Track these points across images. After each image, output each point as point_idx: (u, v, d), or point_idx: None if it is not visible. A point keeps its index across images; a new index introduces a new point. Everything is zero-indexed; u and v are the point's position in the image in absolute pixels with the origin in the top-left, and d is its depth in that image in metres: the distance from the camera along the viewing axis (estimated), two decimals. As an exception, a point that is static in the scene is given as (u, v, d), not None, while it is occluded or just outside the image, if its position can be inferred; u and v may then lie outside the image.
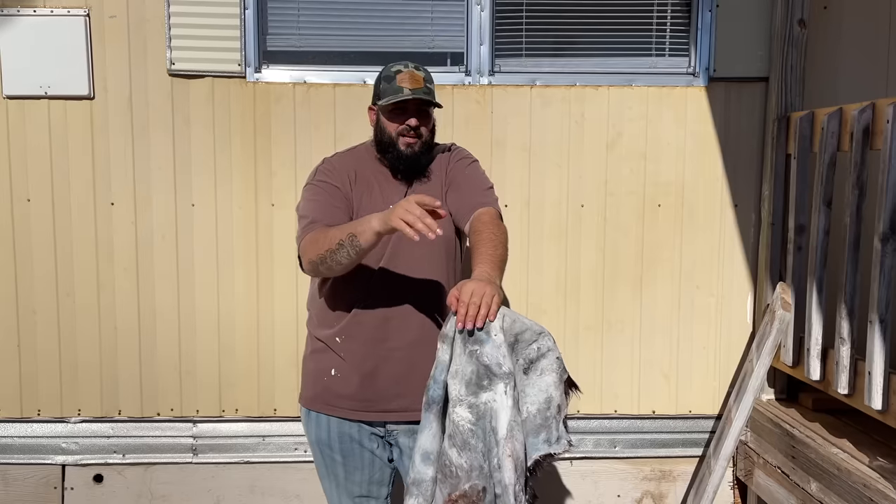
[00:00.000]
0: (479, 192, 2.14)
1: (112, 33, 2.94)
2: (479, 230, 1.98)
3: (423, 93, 2.08)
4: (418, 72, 2.12)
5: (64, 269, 3.01)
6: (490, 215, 2.04)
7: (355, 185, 2.16)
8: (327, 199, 2.11)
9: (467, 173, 2.19)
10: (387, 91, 2.10)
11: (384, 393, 2.11)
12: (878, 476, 2.28)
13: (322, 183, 2.16)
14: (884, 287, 2.29)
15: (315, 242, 1.98)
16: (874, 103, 2.38)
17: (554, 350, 1.77)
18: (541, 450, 1.71)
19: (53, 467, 3.09)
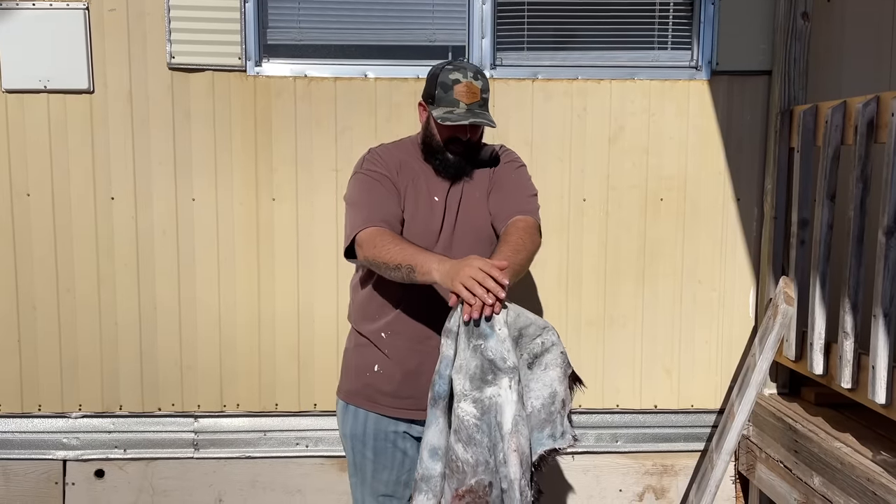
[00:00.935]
0: (522, 199, 2.12)
1: (111, 27, 2.92)
2: (509, 233, 1.99)
3: (478, 107, 2.03)
4: (476, 82, 2.04)
5: (64, 264, 3.00)
6: (525, 224, 2.03)
7: (401, 176, 2.12)
8: (379, 188, 2.08)
9: (513, 177, 2.17)
10: (441, 101, 2.04)
11: (426, 391, 2.09)
12: (881, 470, 2.28)
13: (372, 172, 2.12)
14: (888, 281, 2.29)
15: (374, 245, 1.95)
16: (879, 96, 2.37)
17: (558, 345, 1.76)
18: (545, 445, 1.71)
19: (54, 462, 3.08)
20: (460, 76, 2.03)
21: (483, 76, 2.08)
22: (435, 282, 1.82)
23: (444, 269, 1.79)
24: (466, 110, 2.01)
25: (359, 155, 3.01)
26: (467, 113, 2.01)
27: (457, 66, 2.07)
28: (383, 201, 2.06)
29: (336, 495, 3.16)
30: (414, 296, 2.07)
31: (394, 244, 1.93)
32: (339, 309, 3.07)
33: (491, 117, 2.06)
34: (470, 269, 1.73)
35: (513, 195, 2.12)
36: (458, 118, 2.00)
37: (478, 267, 1.73)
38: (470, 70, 2.05)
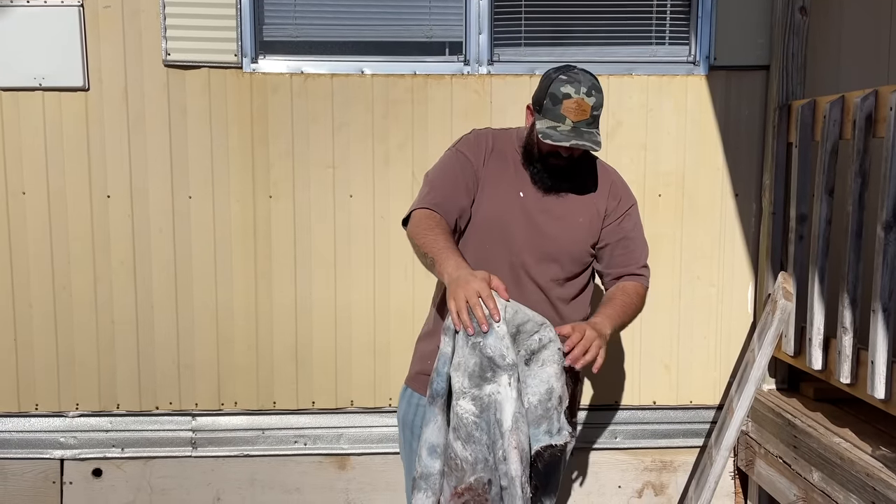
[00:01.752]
0: (642, 263, 2.11)
1: (106, 24, 2.91)
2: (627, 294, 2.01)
3: (585, 125, 1.90)
4: (589, 98, 1.90)
5: (60, 262, 2.99)
6: (639, 291, 2.06)
7: (490, 158, 2.04)
8: (454, 172, 2.02)
9: (639, 226, 2.13)
10: (548, 112, 1.92)
11: None
12: (880, 465, 2.27)
13: (457, 153, 2.06)
14: (886, 276, 2.28)
15: (418, 226, 1.92)
16: (877, 91, 2.36)
17: (555, 341, 1.76)
18: (542, 441, 1.70)
19: (52, 462, 3.07)
20: (572, 91, 1.90)
21: (598, 90, 1.93)
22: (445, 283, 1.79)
23: (453, 277, 1.75)
24: (572, 128, 1.90)
25: (355, 151, 3.03)
26: (571, 132, 1.89)
27: (571, 77, 1.93)
28: (451, 187, 1.99)
29: (334, 493, 3.15)
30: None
31: (431, 232, 1.89)
32: (336, 306, 3.06)
33: (598, 137, 1.92)
34: (468, 290, 1.69)
35: (636, 252, 2.09)
36: (559, 137, 1.88)
37: (476, 290, 1.69)
38: (585, 84, 1.91)
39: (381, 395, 3.11)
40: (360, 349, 3.09)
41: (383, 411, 3.12)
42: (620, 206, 2.09)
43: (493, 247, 2.02)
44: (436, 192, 1.99)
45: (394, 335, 3.08)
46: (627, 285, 2.04)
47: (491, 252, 2.01)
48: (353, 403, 3.12)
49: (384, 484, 3.15)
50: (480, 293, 1.69)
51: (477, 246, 2.03)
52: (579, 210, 2.04)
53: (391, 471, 3.14)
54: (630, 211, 2.11)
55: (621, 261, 2.07)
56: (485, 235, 2.03)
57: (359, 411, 3.12)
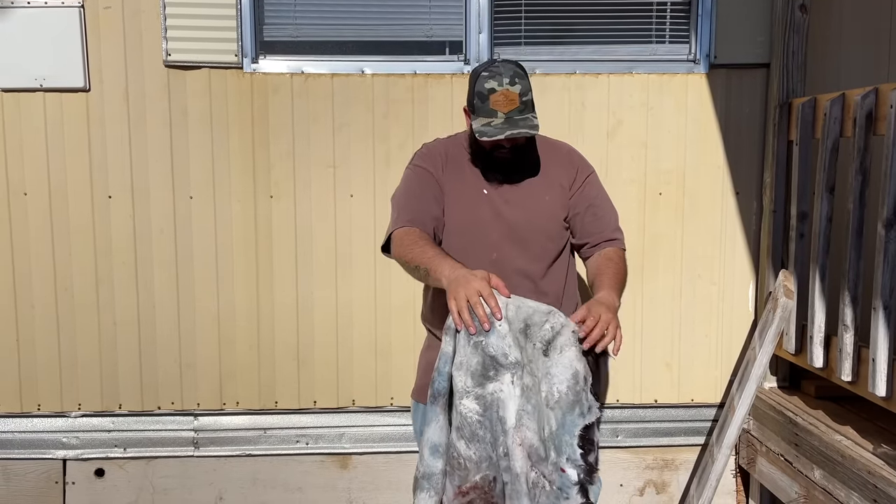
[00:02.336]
0: (614, 223, 2.13)
1: (107, 25, 2.91)
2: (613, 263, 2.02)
3: (518, 113, 1.93)
4: (513, 87, 1.93)
5: (62, 263, 2.99)
6: (620, 255, 2.07)
7: (447, 165, 2.09)
8: (418, 186, 2.07)
9: (602, 195, 2.15)
10: (479, 111, 1.96)
11: None
12: (882, 463, 2.27)
13: (415, 168, 2.10)
14: (887, 273, 2.28)
15: (401, 245, 1.95)
16: (877, 88, 2.36)
17: (567, 325, 1.75)
18: (578, 424, 1.70)
19: (54, 462, 3.08)
20: (495, 84, 1.93)
21: (522, 76, 1.96)
22: (444, 287, 1.80)
23: (451, 278, 1.76)
24: (504, 120, 1.93)
25: (356, 151, 3.03)
26: (505, 124, 1.92)
27: (492, 71, 1.96)
28: (418, 201, 2.04)
29: (336, 492, 3.16)
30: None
31: (416, 245, 1.91)
32: (338, 305, 3.06)
33: (533, 121, 1.95)
34: (468, 289, 1.71)
35: (605, 216, 2.12)
36: (494, 132, 1.92)
37: (476, 289, 1.70)
38: (506, 74, 1.94)
39: (382, 394, 3.12)
40: (361, 348, 3.09)
41: (385, 410, 3.12)
42: (579, 175, 2.13)
43: (471, 248, 2.04)
44: (406, 210, 2.03)
45: (395, 334, 3.09)
46: (609, 251, 2.06)
47: (470, 253, 2.02)
48: (354, 403, 3.12)
49: (386, 483, 3.16)
50: (481, 292, 1.70)
51: (456, 251, 2.04)
52: (542, 189, 2.09)
53: (393, 470, 3.14)
54: (590, 178, 2.15)
55: (592, 227, 2.10)
56: (461, 239, 2.05)
57: (360, 411, 3.12)
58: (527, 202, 2.07)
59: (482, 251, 2.04)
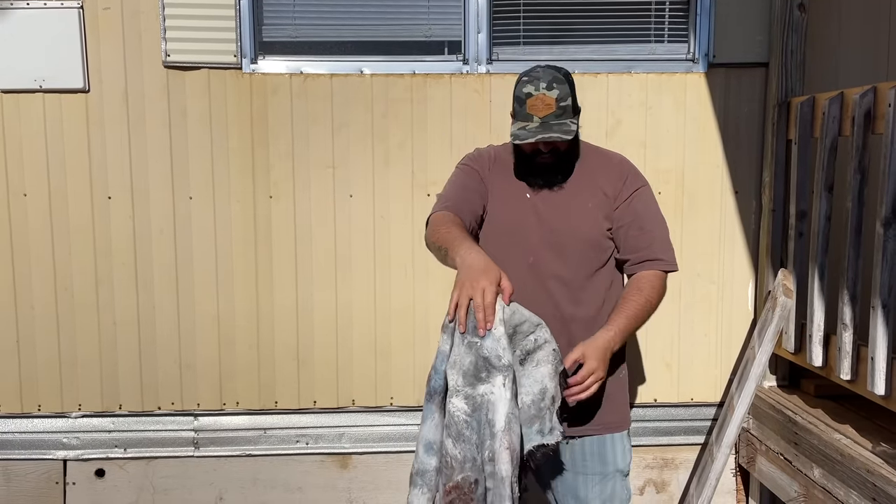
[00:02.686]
0: (665, 245, 2.05)
1: (106, 25, 2.92)
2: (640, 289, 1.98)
3: (554, 118, 1.92)
4: (550, 92, 1.93)
5: (62, 264, 3.00)
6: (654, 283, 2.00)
7: (494, 167, 2.10)
8: (462, 180, 2.09)
9: (653, 209, 2.07)
10: (517, 115, 1.97)
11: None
12: (881, 461, 2.27)
13: (464, 166, 2.13)
14: (886, 272, 2.28)
15: (431, 227, 1.97)
16: (875, 87, 2.36)
17: (550, 342, 1.76)
18: (534, 440, 1.71)
19: (55, 462, 3.08)
20: (532, 89, 1.94)
21: (561, 81, 1.96)
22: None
23: (465, 262, 1.76)
24: (539, 125, 1.93)
25: (355, 151, 3.03)
26: (539, 128, 1.93)
27: (531, 76, 1.97)
28: (459, 192, 2.06)
29: (336, 492, 3.16)
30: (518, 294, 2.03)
31: (443, 226, 1.92)
32: (337, 305, 3.07)
33: (569, 127, 1.94)
34: (474, 287, 1.69)
35: (651, 234, 2.03)
36: (527, 135, 1.93)
37: (482, 289, 1.69)
38: (544, 79, 1.94)
39: (382, 394, 3.12)
40: (361, 348, 3.10)
41: (385, 410, 3.13)
42: (627, 187, 2.06)
43: (509, 251, 2.03)
44: (445, 199, 2.06)
45: (394, 335, 3.09)
46: (643, 277, 2.01)
47: (508, 256, 2.01)
48: (354, 403, 3.12)
49: (386, 483, 3.16)
50: (486, 293, 1.68)
51: (495, 253, 2.00)
52: (586, 196, 2.04)
53: (393, 470, 3.14)
54: (639, 192, 2.07)
55: (636, 243, 2.03)
56: (500, 241, 2.05)
57: (360, 410, 3.13)
58: (569, 208, 2.03)
59: (520, 254, 2.03)
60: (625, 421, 2.11)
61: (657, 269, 2.02)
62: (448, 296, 1.77)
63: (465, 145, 3.02)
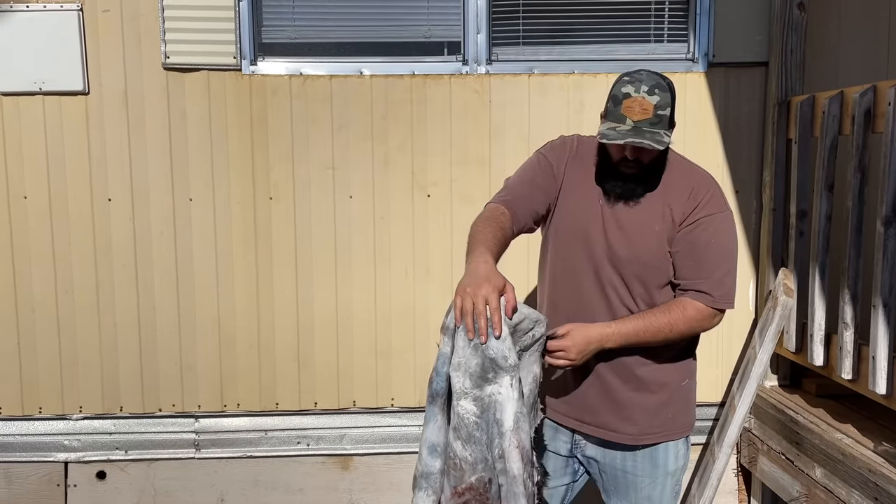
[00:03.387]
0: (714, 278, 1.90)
1: (106, 28, 2.92)
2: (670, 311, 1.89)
3: (648, 125, 1.81)
4: (651, 97, 1.81)
5: (62, 266, 3.00)
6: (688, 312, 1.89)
7: (572, 161, 2.00)
8: (532, 173, 2.00)
9: (714, 243, 1.91)
10: (610, 114, 1.86)
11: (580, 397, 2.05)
12: (882, 461, 2.27)
13: (538, 156, 2.04)
14: (887, 271, 2.28)
15: (477, 219, 1.89)
16: (875, 86, 2.36)
17: (544, 336, 1.81)
18: (533, 425, 1.76)
19: (56, 465, 3.08)
20: (632, 90, 1.82)
21: (664, 89, 1.84)
22: None
23: (468, 269, 1.72)
24: (632, 128, 1.81)
25: (355, 152, 3.03)
26: (631, 131, 1.81)
27: (634, 77, 1.85)
28: (524, 186, 1.98)
29: (338, 493, 3.16)
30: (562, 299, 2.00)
31: (482, 223, 1.87)
32: (338, 306, 3.07)
33: (662, 137, 1.82)
34: (477, 295, 1.64)
35: (705, 264, 1.90)
36: (616, 136, 1.81)
37: (484, 297, 1.63)
38: (646, 83, 1.83)
39: (383, 395, 3.12)
40: (361, 350, 3.09)
41: (385, 411, 3.13)
42: (697, 212, 1.91)
43: (577, 256, 1.98)
44: (507, 191, 1.99)
45: (395, 335, 3.09)
46: (680, 301, 1.91)
47: (576, 261, 1.98)
48: (355, 404, 3.12)
49: (387, 484, 3.16)
50: (489, 301, 1.65)
51: (563, 254, 2.01)
52: (655, 218, 1.93)
53: (394, 471, 3.14)
54: (707, 220, 1.91)
55: (688, 272, 1.92)
56: (568, 243, 2.00)
57: (361, 411, 3.13)
58: (634, 229, 1.94)
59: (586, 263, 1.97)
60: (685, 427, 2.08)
61: (699, 301, 1.90)
62: (448, 296, 1.76)
63: (465, 146, 3.03)
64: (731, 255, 1.95)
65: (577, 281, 1.99)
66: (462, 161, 3.03)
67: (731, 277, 1.94)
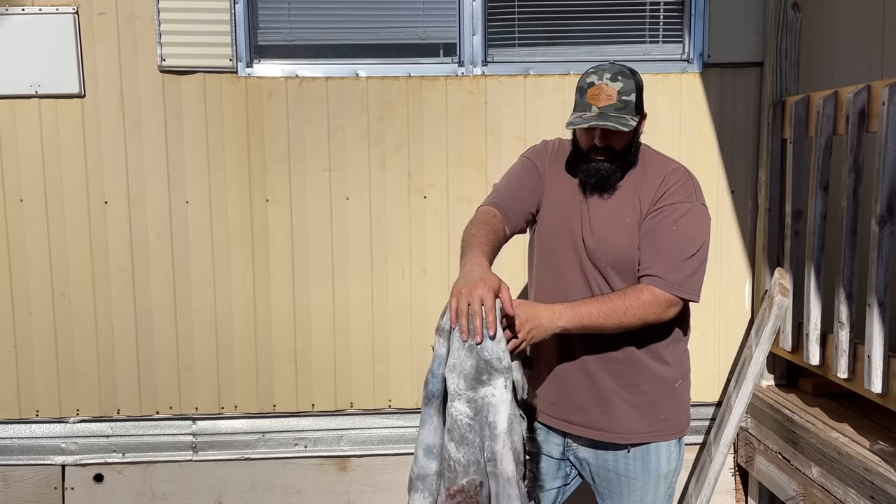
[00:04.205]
0: (670, 263, 1.87)
1: (101, 30, 2.92)
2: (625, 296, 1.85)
3: (613, 111, 1.85)
4: (613, 84, 1.87)
5: (59, 269, 3.00)
6: (652, 297, 1.85)
7: (554, 160, 2.04)
8: (517, 175, 2.05)
9: (674, 230, 1.89)
10: (577, 105, 1.91)
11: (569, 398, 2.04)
12: (878, 460, 2.28)
13: (525, 159, 2.08)
14: (882, 270, 2.29)
15: (470, 222, 1.93)
16: (869, 85, 2.37)
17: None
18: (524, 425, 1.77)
19: (53, 468, 3.08)
20: (595, 79, 1.88)
21: (627, 76, 1.89)
22: None
23: (461, 272, 1.73)
24: (597, 114, 1.86)
25: (351, 154, 3.04)
26: (596, 117, 1.86)
27: (597, 68, 1.92)
28: (512, 188, 2.02)
29: (335, 495, 3.16)
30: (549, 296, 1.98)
31: (474, 226, 1.89)
32: (335, 308, 3.07)
33: (627, 121, 1.86)
34: (472, 295, 1.65)
35: (662, 250, 1.88)
36: (580, 122, 1.86)
37: (479, 297, 1.64)
38: (609, 71, 1.88)
39: (380, 396, 3.12)
40: (358, 351, 3.10)
41: (383, 413, 3.13)
42: (663, 200, 1.92)
43: (561, 253, 2.00)
44: (496, 193, 2.03)
45: (392, 337, 3.09)
46: (636, 287, 1.88)
47: (560, 258, 1.99)
48: (352, 405, 3.12)
49: (385, 485, 3.16)
50: (483, 301, 1.65)
51: (548, 252, 2.02)
52: (627, 210, 1.94)
53: (392, 472, 3.14)
54: (672, 207, 1.90)
55: (644, 257, 1.90)
56: (552, 240, 2.02)
57: (359, 413, 3.13)
58: (608, 222, 1.95)
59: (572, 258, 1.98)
60: (678, 429, 2.06)
61: (654, 285, 1.87)
62: (445, 296, 1.76)
63: (461, 148, 3.03)
64: (693, 244, 1.90)
65: (564, 278, 2.00)
66: (458, 162, 3.04)
67: (692, 266, 1.89)
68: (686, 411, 2.11)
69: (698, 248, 1.91)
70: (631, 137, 1.94)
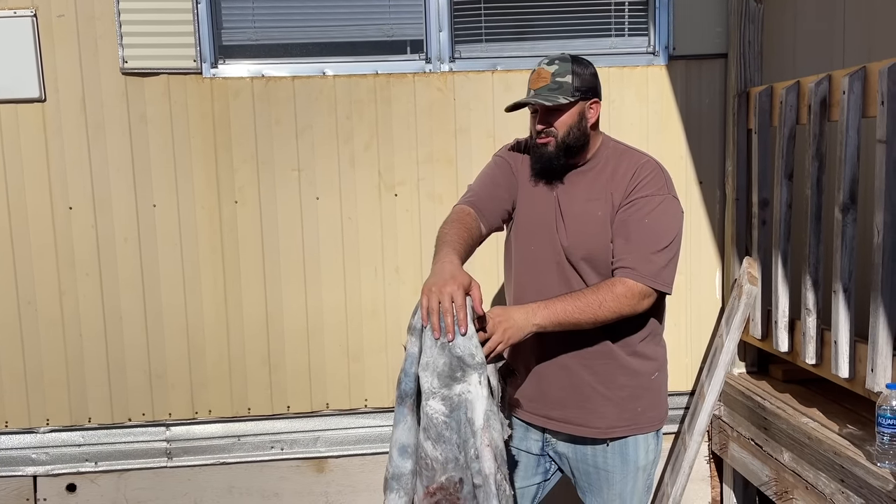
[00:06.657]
0: (643, 255, 1.87)
1: (61, 33, 2.86)
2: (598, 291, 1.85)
3: (546, 90, 1.91)
4: (549, 67, 1.94)
5: (24, 277, 2.94)
6: (625, 290, 1.85)
7: (526, 159, 2.07)
8: (491, 173, 2.09)
9: (646, 223, 1.90)
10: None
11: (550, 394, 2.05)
12: (847, 443, 2.32)
13: (498, 157, 2.13)
14: (846, 257, 2.32)
15: (445, 221, 1.95)
16: (830, 75, 2.40)
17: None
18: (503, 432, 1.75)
19: (24, 479, 3.03)
20: (536, 66, 1.98)
21: (566, 61, 1.95)
22: None
23: (433, 271, 1.73)
24: (532, 95, 1.94)
25: (320, 153, 3.02)
26: (526, 97, 1.95)
27: (546, 57, 2.01)
28: (486, 187, 2.06)
29: (314, 497, 3.14)
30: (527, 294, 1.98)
31: (447, 226, 1.92)
32: (307, 309, 3.05)
33: (554, 97, 1.90)
34: (442, 292, 1.65)
35: (634, 242, 1.88)
36: (512, 102, 1.97)
37: (449, 294, 1.64)
38: (550, 58, 1.98)
39: (356, 396, 3.11)
40: (333, 351, 3.08)
41: (359, 413, 3.12)
42: (635, 193, 1.92)
43: (539, 249, 2.01)
44: (471, 192, 2.06)
45: (366, 336, 3.08)
46: (609, 280, 1.89)
47: (537, 255, 2.00)
48: (328, 406, 3.11)
49: (364, 485, 3.15)
50: (454, 299, 1.65)
51: (524, 250, 2.03)
52: (598, 205, 1.95)
53: (370, 472, 3.14)
54: (644, 200, 1.91)
55: (617, 250, 1.91)
56: (528, 238, 2.03)
57: (334, 413, 3.11)
58: (580, 217, 1.96)
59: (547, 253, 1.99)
60: (655, 421, 2.08)
61: (627, 277, 1.87)
62: (418, 294, 1.76)
63: (431, 144, 3.03)
64: (665, 236, 1.90)
65: (540, 274, 2.01)
66: (428, 159, 3.03)
67: (664, 258, 1.89)
68: (664, 403, 2.12)
69: (671, 240, 1.92)
70: (574, 121, 1.95)
